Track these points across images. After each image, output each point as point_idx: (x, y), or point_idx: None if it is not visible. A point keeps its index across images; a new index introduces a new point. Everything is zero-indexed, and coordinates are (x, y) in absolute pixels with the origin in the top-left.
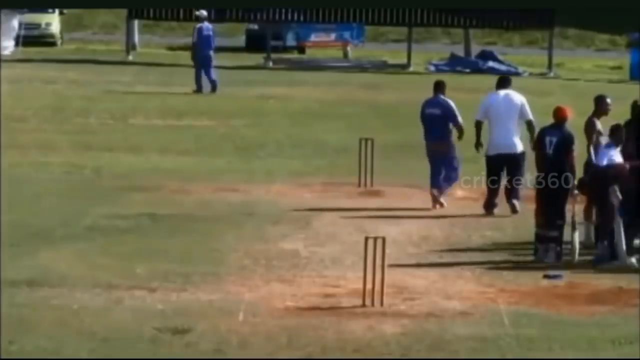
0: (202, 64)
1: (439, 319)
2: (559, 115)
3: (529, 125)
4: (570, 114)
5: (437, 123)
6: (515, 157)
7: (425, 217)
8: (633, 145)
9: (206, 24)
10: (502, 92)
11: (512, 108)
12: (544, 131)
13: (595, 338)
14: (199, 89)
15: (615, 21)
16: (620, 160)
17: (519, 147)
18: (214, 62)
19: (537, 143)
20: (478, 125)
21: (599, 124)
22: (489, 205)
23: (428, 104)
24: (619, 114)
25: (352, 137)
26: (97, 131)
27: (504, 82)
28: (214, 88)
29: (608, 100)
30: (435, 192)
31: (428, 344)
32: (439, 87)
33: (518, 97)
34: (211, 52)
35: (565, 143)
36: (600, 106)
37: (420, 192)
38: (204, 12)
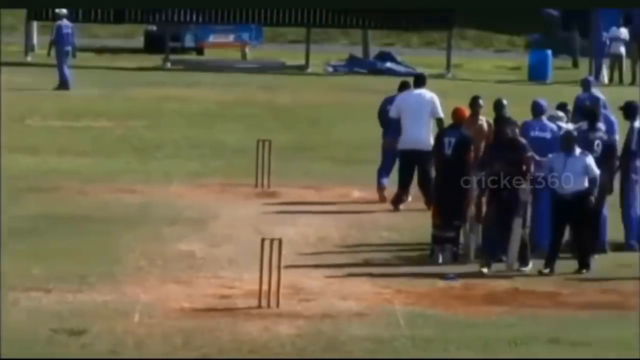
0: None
1: (335, 319)
2: (458, 116)
3: (439, 122)
4: (468, 115)
5: (397, 122)
6: (427, 154)
7: (321, 218)
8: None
9: (65, 22)
10: (416, 91)
11: (425, 106)
12: (443, 132)
13: (491, 339)
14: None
15: (513, 22)
16: None
17: (431, 144)
18: (71, 61)
19: (436, 144)
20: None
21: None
22: (397, 200)
23: (389, 102)
24: (518, 114)
25: (249, 138)
26: None
27: (419, 81)
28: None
29: (480, 101)
30: (383, 185)
31: (323, 345)
32: (404, 85)
33: (429, 95)
34: (69, 49)
35: (464, 144)
36: (474, 107)
37: (316, 192)
38: (63, 10)
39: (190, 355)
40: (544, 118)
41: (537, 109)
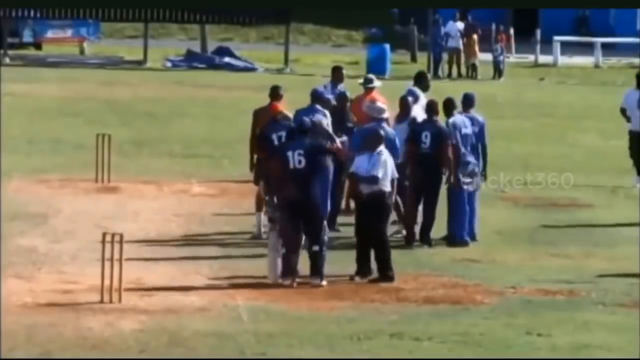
0: None
1: (177, 315)
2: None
3: None
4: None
5: None
6: None
7: (162, 213)
8: None
9: None
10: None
11: None
12: (269, 127)
13: (334, 334)
14: None
15: (351, 17)
16: None
17: None
18: None
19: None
20: None
21: None
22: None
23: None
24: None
25: (89, 133)
26: None
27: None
28: None
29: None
30: None
31: (166, 341)
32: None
33: None
34: None
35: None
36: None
37: (156, 187)
38: None
39: (33, 350)
40: (317, 106)
41: (314, 97)
